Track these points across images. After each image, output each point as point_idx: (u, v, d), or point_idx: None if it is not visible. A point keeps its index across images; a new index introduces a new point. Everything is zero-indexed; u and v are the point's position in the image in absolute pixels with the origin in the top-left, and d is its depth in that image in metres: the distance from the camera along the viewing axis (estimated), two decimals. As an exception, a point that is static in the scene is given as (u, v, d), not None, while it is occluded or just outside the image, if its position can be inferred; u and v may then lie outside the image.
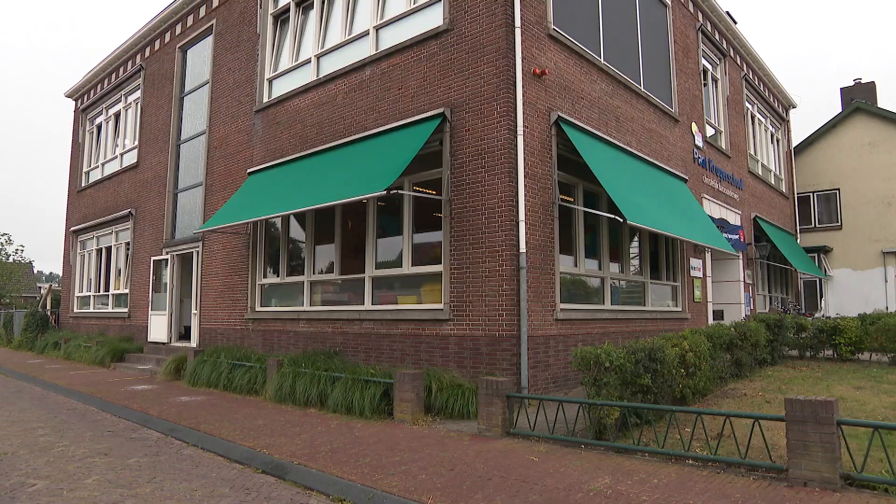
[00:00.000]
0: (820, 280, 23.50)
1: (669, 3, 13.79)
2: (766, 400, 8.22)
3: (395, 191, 8.95)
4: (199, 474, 5.82)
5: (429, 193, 9.59)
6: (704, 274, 14.34)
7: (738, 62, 18.26)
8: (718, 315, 15.69)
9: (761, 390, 9.02)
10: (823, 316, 19.90)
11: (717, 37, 16.60)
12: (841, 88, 26.26)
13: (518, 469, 5.49)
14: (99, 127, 20.84)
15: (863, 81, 25.67)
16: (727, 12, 17.12)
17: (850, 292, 22.80)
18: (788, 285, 22.29)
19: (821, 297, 23.63)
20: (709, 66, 16.27)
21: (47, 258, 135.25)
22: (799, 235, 23.08)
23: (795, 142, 24.45)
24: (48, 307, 24.99)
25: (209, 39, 15.17)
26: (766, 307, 19.62)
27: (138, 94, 18.23)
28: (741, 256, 16.45)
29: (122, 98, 19.31)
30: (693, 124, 14.44)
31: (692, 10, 15.19)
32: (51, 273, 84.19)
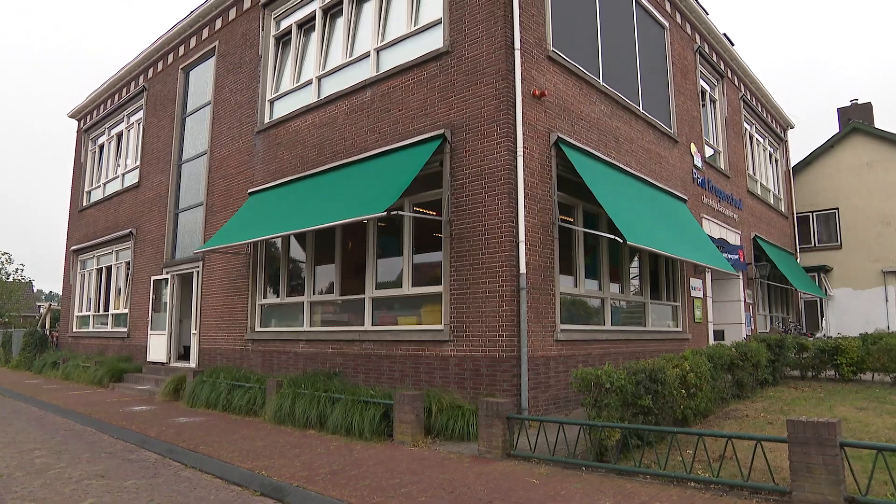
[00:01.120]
0: (820, 299, 23.47)
1: (667, 24, 13.95)
2: (769, 421, 8.17)
3: (395, 212, 8.99)
4: (198, 497, 5.77)
5: (429, 214, 9.62)
6: (705, 294, 14.32)
7: (736, 83, 18.42)
8: (719, 335, 15.64)
9: (763, 411, 8.97)
10: (824, 336, 19.84)
11: (714, 58, 16.76)
12: (838, 109, 26.46)
13: (519, 491, 5.45)
14: (101, 147, 20.96)
15: (859, 102, 25.85)
16: (724, 34, 17.30)
17: (851, 312, 22.76)
18: (789, 305, 22.25)
19: (821, 316, 23.59)
20: (707, 87, 16.40)
21: (47, 277, 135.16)
22: (799, 255, 23.09)
23: (794, 162, 24.58)
24: (47, 326, 24.95)
25: (211, 61, 15.32)
26: (767, 327, 19.57)
27: (140, 114, 18.37)
28: (741, 276, 16.45)
29: (125, 118, 19.45)
30: (692, 145, 14.52)
31: (690, 32, 15.36)
32: (50, 292, 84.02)
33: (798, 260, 22.80)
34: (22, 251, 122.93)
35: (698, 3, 15.41)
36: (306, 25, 12.63)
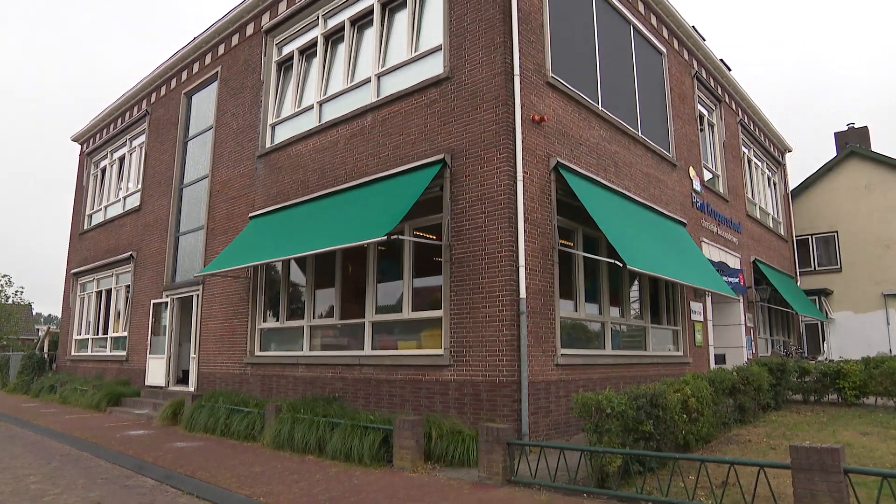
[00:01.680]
0: (822, 323, 23.40)
1: (665, 51, 14.11)
2: (771, 446, 8.11)
3: (396, 236, 9.01)
4: (194, 525, 5.70)
5: (429, 238, 9.64)
6: (705, 318, 14.30)
7: (734, 108, 18.58)
8: (720, 359, 15.58)
9: (766, 436, 8.90)
10: (826, 359, 19.76)
11: (712, 83, 16.93)
12: (835, 133, 26.66)
13: (520, 519, 5.38)
14: (103, 170, 21.08)
15: (856, 126, 26.05)
16: (721, 60, 17.50)
17: (853, 335, 22.68)
18: (790, 328, 22.19)
19: (823, 339, 23.50)
20: (705, 112, 16.54)
21: (47, 300, 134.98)
22: (799, 278, 23.08)
23: (792, 185, 24.69)
24: (46, 350, 24.82)
25: (214, 85, 15.47)
26: (769, 351, 19.49)
27: (143, 138, 18.50)
28: (742, 300, 16.43)
29: (128, 142, 19.58)
30: (691, 169, 14.61)
31: (687, 58, 15.53)
32: (49, 315, 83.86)
33: (798, 283, 22.78)
34: (22, 274, 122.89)
35: (695, 29, 15.62)
36: (308, 51, 12.78)
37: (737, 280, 16.14)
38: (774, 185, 22.55)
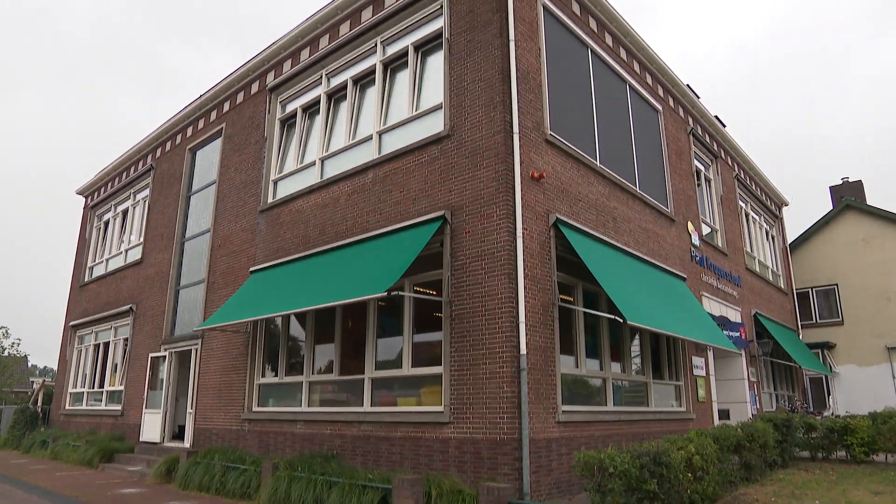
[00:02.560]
0: (826, 377, 23.16)
1: (660, 108, 14.43)
2: (779, 508, 7.92)
3: (396, 292, 9.03)
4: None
5: (429, 294, 9.65)
6: (707, 372, 14.17)
7: (730, 163, 18.86)
8: (724, 414, 15.36)
9: (774, 495, 8.70)
10: (833, 414, 19.45)
11: (707, 139, 17.24)
12: (830, 187, 26.94)
13: (522, 587, 5.22)
14: (106, 223, 21.24)
15: (850, 180, 26.36)
16: (716, 116, 17.88)
17: (858, 389, 22.39)
18: (794, 383, 21.94)
19: (828, 394, 23.20)
20: (701, 167, 16.79)
21: (43, 352, 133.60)
22: (801, 331, 22.96)
23: (790, 238, 24.83)
24: (39, 403, 24.47)
25: (218, 141, 15.76)
26: (773, 405, 19.21)
27: (147, 192, 18.72)
28: (744, 354, 16.31)
29: (132, 196, 19.81)
30: (689, 223, 14.73)
31: (683, 115, 15.87)
32: (45, 367, 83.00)
33: (800, 336, 22.65)
34: (20, 325, 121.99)
35: (690, 87, 16.01)
36: (311, 109, 13.07)
37: (738, 334, 16.07)
38: (773, 238, 22.68)
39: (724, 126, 18.26)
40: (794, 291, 23.56)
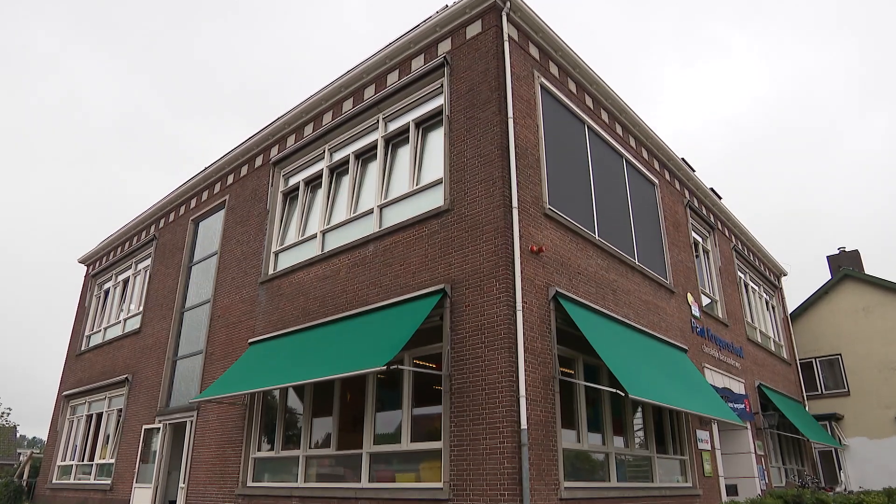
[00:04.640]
0: (836, 450, 22.61)
1: (657, 181, 14.70)
2: None
3: (395, 366, 8.97)
4: None
5: (429, 368, 9.57)
6: (713, 446, 13.85)
7: (727, 234, 19.05)
8: (732, 490, 14.91)
9: (786, 582, 8.35)
10: (845, 490, 18.88)
11: (704, 211, 17.48)
12: (828, 256, 27.08)
13: None
14: (106, 292, 21.24)
15: (847, 249, 26.51)
16: (712, 189, 18.18)
17: (870, 462, 21.81)
18: (803, 456, 21.41)
19: (839, 468, 22.57)
20: (699, 239, 16.95)
21: (33, 422, 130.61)
22: (806, 402, 22.59)
23: (791, 308, 24.77)
24: (25, 476, 23.74)
25: (221, 213, 15.97)
26: (783, 480, 18.69)
27: (148, 262, 18.81)
28: (749, 427, 16.00)
29: (133, 265, 19.89)
30: (689, 294, 14.75)
31: (679, 188, 16.15)
32: (34, 438, 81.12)
33: (807, 408, 22.26)
34: (11, 395, 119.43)
35: (685, 161, 16.38)
36: (313, 182, 13.32)
37: (742, 406, 15.81)
38: (773, 308, 22.64)
39: (720, 198, 18.55)
40: (798, 361, 23.31)
